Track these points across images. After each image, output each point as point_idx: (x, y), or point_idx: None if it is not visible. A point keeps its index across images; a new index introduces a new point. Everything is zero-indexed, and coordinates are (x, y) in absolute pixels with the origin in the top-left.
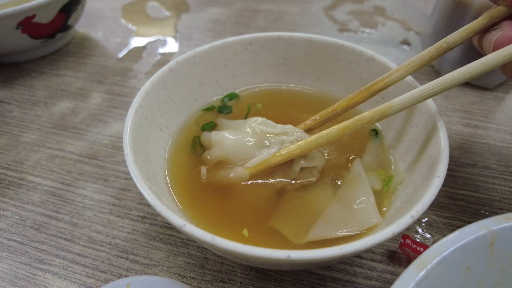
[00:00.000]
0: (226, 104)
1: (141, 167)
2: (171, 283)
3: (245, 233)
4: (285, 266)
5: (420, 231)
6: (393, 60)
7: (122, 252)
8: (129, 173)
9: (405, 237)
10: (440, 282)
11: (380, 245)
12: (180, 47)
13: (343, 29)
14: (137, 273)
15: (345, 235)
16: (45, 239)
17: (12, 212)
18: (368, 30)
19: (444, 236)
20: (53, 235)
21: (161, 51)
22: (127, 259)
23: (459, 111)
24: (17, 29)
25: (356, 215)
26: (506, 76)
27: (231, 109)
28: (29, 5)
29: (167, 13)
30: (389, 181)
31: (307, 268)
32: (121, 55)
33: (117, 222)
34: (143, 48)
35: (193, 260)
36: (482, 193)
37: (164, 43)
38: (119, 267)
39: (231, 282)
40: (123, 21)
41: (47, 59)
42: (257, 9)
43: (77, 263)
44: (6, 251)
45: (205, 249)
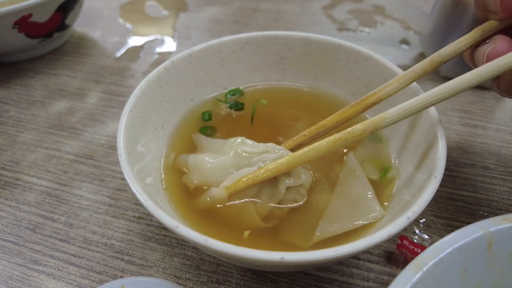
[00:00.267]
0: (237, 101)
1: (135, 168)
2: (166, 284)
3: (246, 234)
4: (280, 267)
5: (417, 232)
6: (392, 59)
7: (117, 252)
8: None
9: (402, 238)
10: (436, 284)
11: (376, 246)
12: (178, 47)
13: (342, 28)
14: (132, 274)
15: (351, 229)
16: (40, 239)
17: (7, 212)
18: (367, 29)
19: (442, 237)
20: (48, 236)
21: (159, 50)
22: (123, 260)
23: (458, 111)
24: (13, 28)
25: (358, 209)
26: (499, 91)
27: (242, 106)
28: (26, 4)
29: (166, 12)
30: (386, 171)
31: (303, 269)
32: (119, 55)
33: (113, 222)
34: (141, 47)
35: (189, 261)
36: (480, 194)
37: (162, 42)
38: (115, 268)
39: (227, 283)
40: (121, 20)
41: (45, 59)
42: (256, 8)
43: (72, 264)
44: (1, 252)
45: (201, 250)
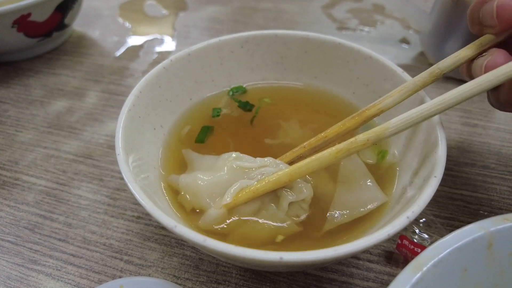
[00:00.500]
0: (247, 102)
1: (134, 167)
2: (165, 284)
3: (279, 238)
4: (280, 267)
5: (417, 231)
6: (392, 58)
7: (116, 252)
8: None
9: (402, 237)
10: (436, 284)
11: (376, 246)
12: (177, 46)
13: (342, 27)
14: (131, 274)
15: (359, 215)
16: (39, 239)
17: (6, 212)
18: (367, 28)
19: (442, 236)
20: (47, 236)
21: (158, 49)
22: (121, 259)
23: (458, 110)
24: (12, 27)
25: (362, 197)
26: (498, 104)
27: (251, 107)
28: (24, 4)
29: (165, 12)
30: (383, 155)
31: (302, 269)
32: (118, 54)
33: (112, 222)
34: (141, 47)
35: (188, 261)
36: (481, 193)
37: (161, 41)
38: (113, 268)
39: (226, 283)
40: (121, 20)
41: (44, 58)
42: (256, 7)
43: (71, 264)
44: None
45: (200, 250)
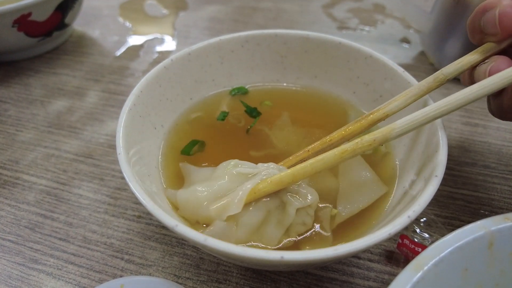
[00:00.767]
0: (255, 108)
1: (134, 166)
2: (166, 283)
3: None
4: (280, 267)
5: (418, 231)
6: (392, 58)
7: (117, 252)
8: None
9: (403, 237)
10: (437, 283)
11: (376, 245)
12: (177, 45)
13: (342, 27)
14: (132, 273)
15: (365, 206)
16: (39, 238)
17: (7, 211)
18: (367, 28)
19: (443, 236)
20: (48, 235)
21: (158, 49)
22: (122, 259)
23: (459, 110)
24: (13, 27)
25: (363, 188)
26: (500, 112)
27: (257, 114)
28: (25, 3)
29: (165, 11)
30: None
31: (303, 268)
32: (118, 54)
33: (113, 221)
34: (141, 46)
35: (189, 260)
36: (481, 192)
37: (161, 41)
38: (114, 267)
39: (227, 282)
40: (121, 19)
41: (44, 58)
42: (256, 7)
43: (72, 263)
44: (0, 251)
45: (201, 249)
